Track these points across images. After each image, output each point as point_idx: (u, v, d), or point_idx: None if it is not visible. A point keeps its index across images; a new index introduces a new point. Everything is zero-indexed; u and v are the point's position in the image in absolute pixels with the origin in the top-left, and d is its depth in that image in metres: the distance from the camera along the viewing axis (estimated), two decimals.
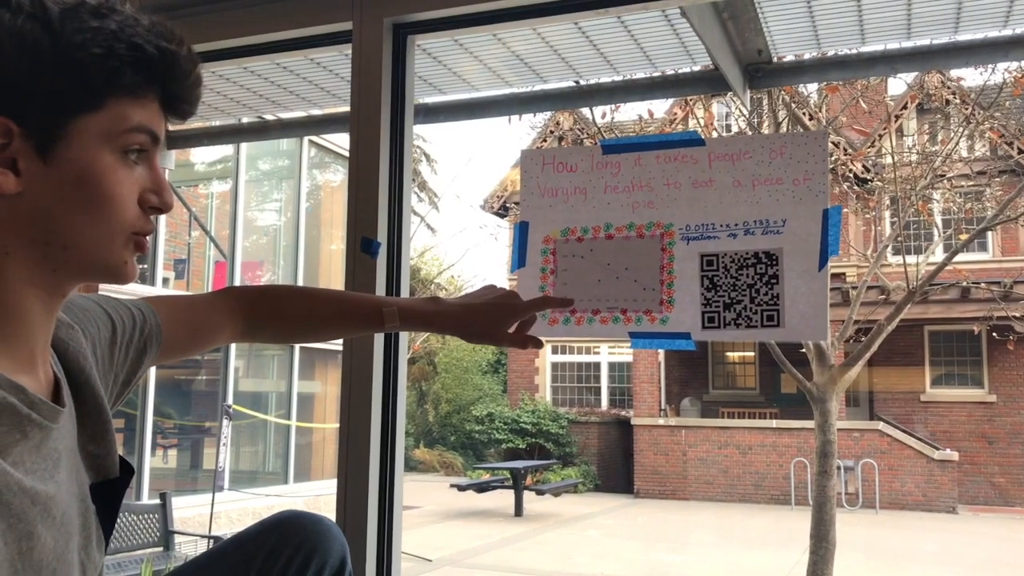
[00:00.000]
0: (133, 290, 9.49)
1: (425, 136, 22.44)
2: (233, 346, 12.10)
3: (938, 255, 9.80)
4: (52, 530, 0.87)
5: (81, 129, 0.86)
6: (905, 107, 15.18)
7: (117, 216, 0.89)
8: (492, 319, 1.43)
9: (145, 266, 10.77)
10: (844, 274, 15.85)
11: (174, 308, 1.26)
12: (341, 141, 13.44)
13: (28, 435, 0.85)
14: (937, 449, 15.06)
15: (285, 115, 3.06)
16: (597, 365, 19.90)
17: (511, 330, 1.44)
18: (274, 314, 1.39)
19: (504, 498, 14.64)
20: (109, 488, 1.00)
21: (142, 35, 0.87)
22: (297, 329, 1.41)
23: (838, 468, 8.56)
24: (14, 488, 0.81)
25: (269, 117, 3.12)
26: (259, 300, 1.39)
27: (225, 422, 9.34)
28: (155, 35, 0.89)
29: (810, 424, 9.73)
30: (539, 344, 1.48)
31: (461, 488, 14.27)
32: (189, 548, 7.42)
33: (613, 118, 8.77)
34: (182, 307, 1.29)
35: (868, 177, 11.32)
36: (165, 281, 11.45)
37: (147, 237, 0.94)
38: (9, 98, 0.83)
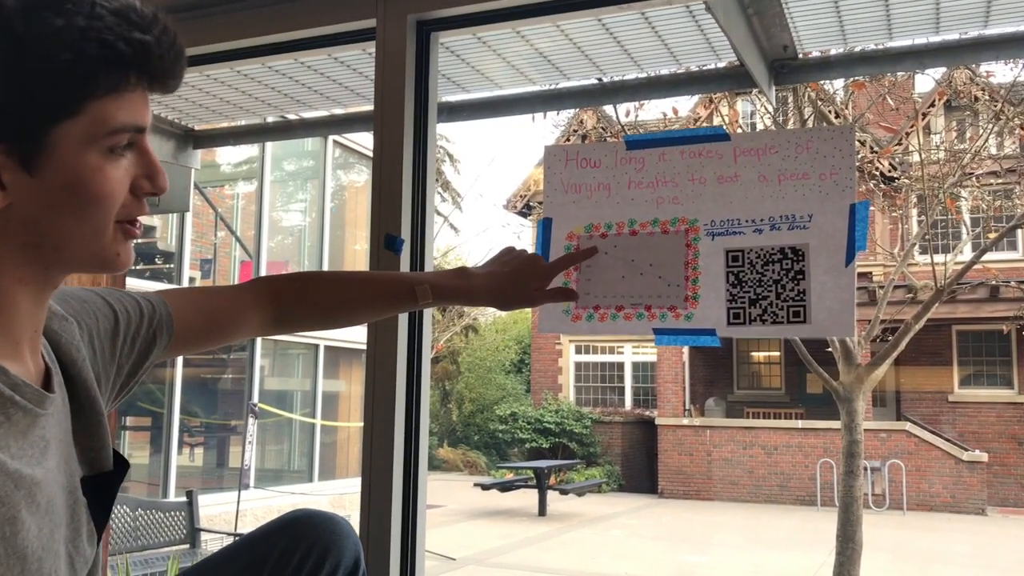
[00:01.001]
0: (157, 289, 9.57)
1: (448, 136, 22.49)
2: (259, 345, 12.18)
3: (966, 254, 9.69)
4: (37, 517, 0.85)
5: (62, 136, 0.83)
6: (933, 104, 15.02)
7: (107, 212, 0.88)
8: (520, 284, 1.44)
9: (172, 266, 10.87)
10: (871, 273, 15.71)
11: (190, 298, 1.24)
12: (365, 141, 13.48)
13: (11, 418, 0.84)
14: (966, 450, 14.89)
15: (309, 114, 3.07)
16: (621, 365, 19.84)
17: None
18: (304, 299, 1.37)
19: (528, 498, 14.64)
20: (102, 481, 0.99)
21: (112, 28, 0.82)
22: (330, 313, 1.40)
23: (865, 469, 8.48)
24: None
25: (293, 116, 3.13)
26: (288, 286, 1.37)
27: (251, 420, 9.40)
28: (125, 25, 0.84)
29: (836, 424, 9.65)
30: (574, 295, 1.51)
31: (485, 487, 14.28)
32: (215, 545, 7.47)
33: (637, 116, 8.75)
34: (199, 297, 1.27)
35: (895, 175, 11.21)
36: (191, 280, 11.54)
37: (137, 221, 0.92)
38: None
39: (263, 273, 12.41)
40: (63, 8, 0.81)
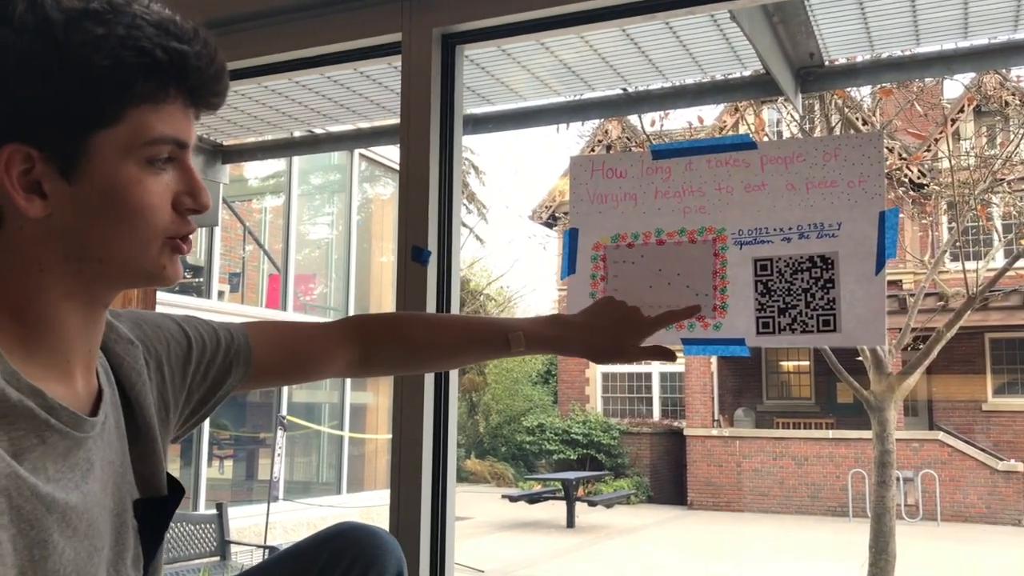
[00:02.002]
0: (185, 302, 9.68)
1: (473, 148, 22.57)
2: None
3: (998, 260, 9.56)
4: (73, 541, 0.84)
5: (101, 145, 0.83)
6: (962, 110, 14.86)
7: (148, 225, 0.88)
8: (619, 338, 1.39)
9: (201, 280, 10.97)
10: (900, 281, 15.54)
11: (273, 332, 1.24)
12: (391, 154, 13.56)
13: (47, 441, 0.83)
14: (1001, 460, 14.65)
15: (336, 128, 3.10)
16: (648, 375, 19.74)
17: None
18: (395, 340, 1.35)
19: (556, 509, 14.59)
20: (155, 506, 0.99)
21: (150, 37, 0.83)
22: (420, 355, 1.37)
23: (897, 479, 8.37)
24: (26, 493, 0.79)
25: (320, 130, 3.15)
26: (378, 326, 1.36)
27: (279, 433, 9.45)
28: (164, 34, 0.84)
29: (867, 434, 9.54)
30: (671, 355, 1.42)
31: (513, 499, 14.25)
32: (245, 558, 7.51)
33: (662, 126, 8.73)
34: (284, 331, 1.26)
35: (924, 182, 11.10)
36: (220, 294, 11.64)
37: (188, 238, 0.92)
38: (25, 124, 0.81)
39: (291, 286, 12.50)
40: (104, 18, 0.81)
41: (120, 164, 0.85)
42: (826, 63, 2.28)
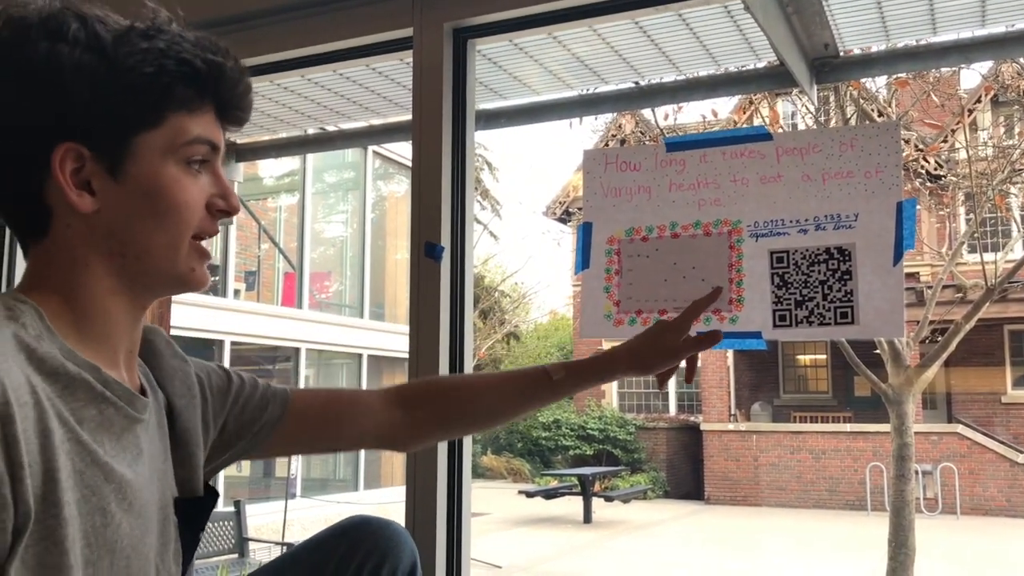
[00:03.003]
0: (202, 300, 9.72)
1: (486, 144, 22.56)
2: (303, 355, 12.29)
3: (1017, 251, 9.47)
4: (129, 516, 0.90)
5: (145, 145, 0.92)
6: (979, 100, 14.72)
7: (185, 221, 0.95)
8: (658, 341, 1.38)
9: (217, 278, 11.01)
10: (918, 273, 15.44)
11: (313, 390, 1.30)
12: (404, 151, 13.57)
13: (104, 413, 0.89)
14: (1021, 453, 14.54)
15: (348, 125, 3.09)
16: None
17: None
18: (436, 392, 1.36)
19: (572, 505, 14.59)
20: (193, 506, 1.05)
21: (189, 50, 0.93)
22: (475, 413, 1.37)
23: (916, 472, 8.31)
24: (87, 459, 0.85)
25: (332, 128, 3.15)
26: (417, 384, 1.39)
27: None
28: (201, 49, 0.95)
29: (885, 427, 9.48)
30: (718, 336, 1.39)
31: (529, 495, 14.26)
32: (263, 554, 7.54)
33: (676, 119, 8.69)
34: (323, 389, 1.31)
35: (941, 173, 11.01)
36: (236, 293, 11.69)
37: (209, 240, 1.00)
38: (77, 125, 0.90)
39: (306, 283, 12.54)
40: (148, 35, 0.92)
41: (161, 163, 0.94)
42: (841, 53, 2.26)
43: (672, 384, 19.64)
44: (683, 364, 1.42)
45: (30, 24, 0.90)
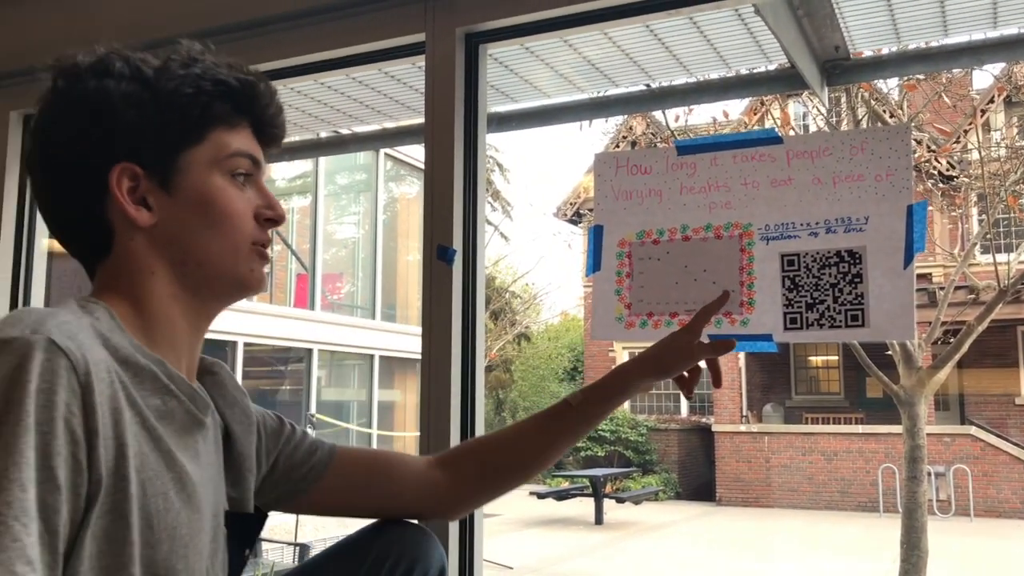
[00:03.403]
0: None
1: (497, 146, 22.57)
2: (315, 356, 12.31)
3: None
4: (187, 508, 0.93)
5: (191, 160, 1.01)
6: (992, 101, 14.66)
7: (238, 228, 1.03)
8: (672, 345, 1.41)
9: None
10: (930, 275, 15.37)
11: (357, 449, 1.35)
12: (416, 153, 13.60)
13: (168, 405, 0.95)
14: None
15: (361, 128, 3.11)
16: None
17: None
18: (482, 454, 1.38)
19: (584, 506, 14.58)
20: (242, 522, 1.09)
21: (223, 72, 1.03)
22: (512, 460, 1.37)
23: (929, 474, 8.28)
24: (152, 443, 0.90)
25: (345, 131, 3.17)
26: (462, 449, 1.41)
27: (309, 431, 9.50)
28: (235, 71, 1.04)
29: (897, 429, 9.45)
30: (731, 345, 1.43)
31: (541, 496, 14.25)
32: (276, 555, 7.57)
33: (687, 122, 8.69)
34: (367, 451, 1.40)
35: (954, 174, 10.97)
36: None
37: (267, 247, 1.07)
38: (129, 147, 0.99)
39: (319, 285, 12.57)
40: (186, 64, 1.02)
41: (208, 176, 1.02)
42: (852, 56, 2.26)
43: None
44: (708, 370, 1.45)
45: (80, 69, 1.00)
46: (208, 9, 2.13)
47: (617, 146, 16.30)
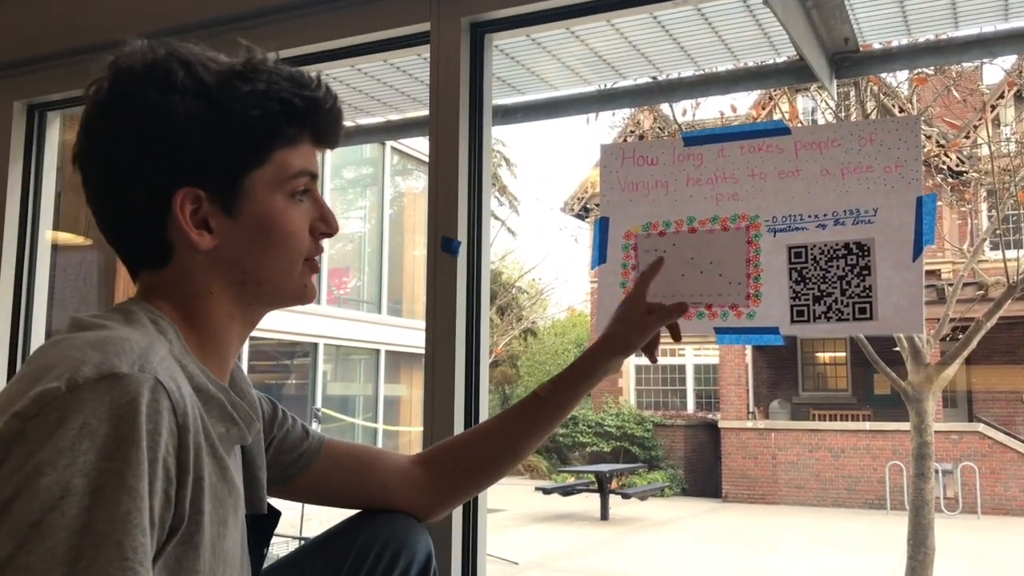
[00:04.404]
0: None
1: (504, 140, 22.55)
2: (321, 350, 12.32)
3: None
4: (235, 528, 0.96)
5: (254, 183, 0.98)
6: (1002, 96, 14.58)
7: (295, 248, 1.02)
8: (622, 319, 1.43)
9: None
10: (939, 271, 15.30)
11: (344, 442, 1.35)
12: (422, 147, 13.59)
13: (230, 431, 0.96)
14: None
15: (366, 120, 3.10)
16: (682, 367, 19.65)
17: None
18: (458, 452, 1.39)
19: (589, 502, 14.57)
20: (258, 523, 1.10)
21: (287, 89, 0.99)
22: (488, 456, 1.38)
23: (936, 471, 8.25)
24: (219, 472, 0.92)
25: (350, 123, 3.16)
26: (439, 447, 1.40)
27: (314, 425, 9.52)
28: (298, 86, 1.00)
29: (905, 426, 9.41)
30: (685, 308, 1.45)
31: (546, 491, 14.25)
32: (281, 549, 7.58)
33: (694, 115, 8.65)
34: (353, 444, 1.37)
35: (963, 169, 10.91)
36: None
37: (318, 257, 1.07)
38: (193, 170, 0.96)
39: (324, 280, 12.58)
40: (248, 77, 0.97)
41: (271, 198, 1.00)
42: (861, 48, 2.24)
43: (690, 381, 19.59)
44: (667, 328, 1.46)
45: (137, 75, 0.95)
46: None
47: (624, 140, 16.27)
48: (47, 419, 0.76)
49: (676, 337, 1.47)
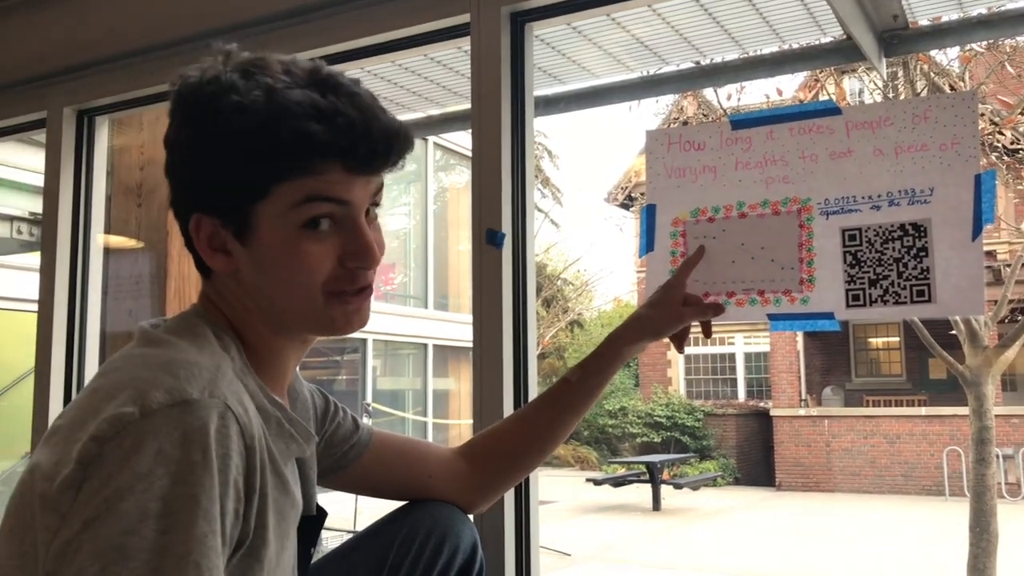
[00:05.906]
0: None
1: (546, 132, 22.50)
2: (370, 346, 12.41)
3: None
4: (293, 540, 0.99)
5: (261, 215, 0.95)
6: None
7: (306, 281, 0.97)
8: (659, 304, 1.45)
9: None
10: (995, 251, 14.95)
11: (390, 434, 1.38)
12: (464, 141, 13.60)
13: (289, 447, 0.99)
14: None
15: (407, 116, 3.10)
16: (732, 356, 19.45)
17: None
18: (498, 439, 1.40)
19: (641, 492, 14.51)
20: (308, 523, 1.10)
21: (297, 117, 0.91)
22: (525, 442, 1.40)
23: (997, 456, 8.06)
24: (281, 488, 0.95)
25: None
26: (479, 438, 1.42)
27: (365, 420, 9.60)
28: (308, 116, 0.91)
29: (962, 411, 9.21)
30: (720, 309, 1.47)
31: (597, 482, 14.22)
32: (335, 543, 7.65)
33: (739, 100, 8.54)
34: (399, 436, 1.39)
35: (1019, 147, 10.63)
36: None
37: (362, 290, 1.02)
38: (204, 198, 0.96)
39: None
40: (254, 109, 0.91)
41: (277, 231, 0.95)
42: (911, 25, 2.18)
43: (740, 370, 19.39)
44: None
45: (172, 103, 0.98)
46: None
47: (668, 127, 16.10)
48: (123, 443, 0.79)
49: (707, 333, 1.50)
